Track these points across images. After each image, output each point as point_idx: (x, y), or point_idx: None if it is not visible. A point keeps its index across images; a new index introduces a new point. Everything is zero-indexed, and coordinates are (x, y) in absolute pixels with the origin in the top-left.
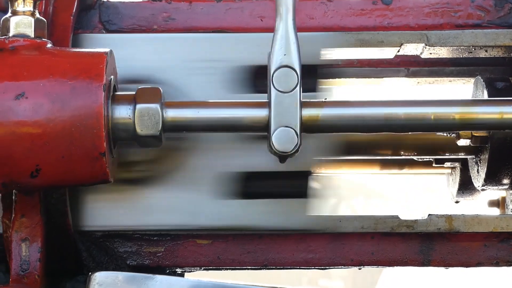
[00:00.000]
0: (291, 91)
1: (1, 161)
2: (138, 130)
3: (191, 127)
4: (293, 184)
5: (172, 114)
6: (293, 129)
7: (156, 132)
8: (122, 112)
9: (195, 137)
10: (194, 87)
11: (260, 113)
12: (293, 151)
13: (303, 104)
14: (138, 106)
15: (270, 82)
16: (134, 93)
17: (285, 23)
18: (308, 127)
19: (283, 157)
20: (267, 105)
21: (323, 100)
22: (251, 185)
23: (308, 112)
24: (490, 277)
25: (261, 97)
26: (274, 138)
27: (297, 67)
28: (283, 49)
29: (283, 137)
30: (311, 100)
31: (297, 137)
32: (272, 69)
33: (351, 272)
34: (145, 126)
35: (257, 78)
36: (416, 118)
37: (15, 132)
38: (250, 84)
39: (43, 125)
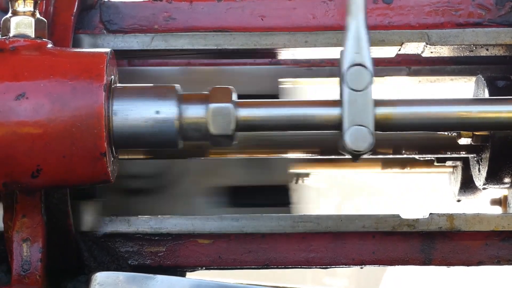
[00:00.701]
0: (364, 89)
1: (2, 161)
2: (212, 129)
3: (264, 126)
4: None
5: (245, 113)
6: (366, 127)
7: (229, 132)
8: (196, 112)
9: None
10: None
11: (333, 111)
12: (367, 149)
13: (376, 103)
14: (211, 105)
15: (343, 81)
16: (207, 93)
17: (356, 22)
18: (381, 126)
19: (356, 155)
20: (340, 103)
21: (397, 99)
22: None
23: (381, 111)
24: (491, 276)
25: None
26: (347, 137)
27: (369, 65)
28: (355, 47)
29: (356, 136)
30: (384, 98)
31: (371, 135)
32: (345, 67)
33: (355, 270)
34: (219, 125)
35: None
36: (491, 116)
37: (16, 132)
38: None
39: (44, 125)
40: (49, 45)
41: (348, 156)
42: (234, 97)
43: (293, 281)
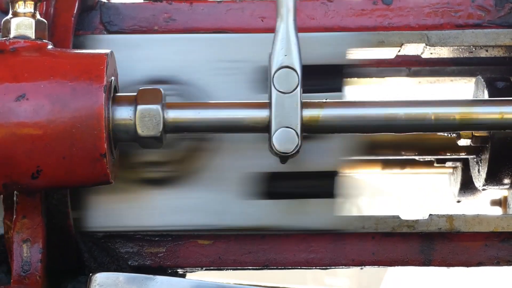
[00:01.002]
0: (291, 91)
1: (2, 162)
2: (139, 131)
3: (192, 128)
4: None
5: (173, 115)
6: (293, 129)
7: (157, 133)
8: (123, 113)
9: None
10: (217, 88)
11: (261, 113)
12: (294, 151)
13: (304, 105)
14: (139, 107)
15: (271, 83)
16: (135, 94)
17: (286, 24)
18: (309, 128)
19: (284, 157)
20: (268, 105)
21: (324, 100)
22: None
23: (309, 113)
24: (491, 277)
25: (263, 98)
26: (274, 139)
27: (297, 68)
28: (284, 49)
29: (283, 138)
30: (312, 100)
31: (298, 137)
32: (273, 69)
33: (356, 270)
34: (146, 127)
35: None
36: (416, 118)
37: (16, 133)
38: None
39: (44, 126)
40: (49, 46)
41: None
42: (163, 98)
43: (294, 281)
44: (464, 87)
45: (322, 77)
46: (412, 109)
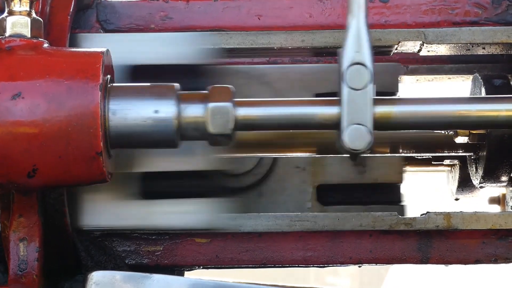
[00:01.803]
0: (363, 88)
1: None
2: (210, 129)
3: (262, 125)
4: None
5: (243, 112)
6: (365, 126)
7: (228, 131)
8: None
9: None
10: None
11: (332, 110)
12: (365, 148)
13: (375, 102)
14: (210, 104)
15: (343, 79)
16: (205, 92)
17: (357, 20)
18: (381, 125)
19: (354, 154)
20: (339, 102)
21: (396, 97)
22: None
23: (381, 110)
24: (490, 275)
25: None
26: (346, 136)
27: (369, 64)
28: (355, 46)
29: (355, 135)
30: (383, 97)
31: (370, 134)
32: (344, 66)
33: (358, 269)
34: (216, 124)
35: None
36: (487, 115)
37: (12, 132)
38: None
39: (40, 125)
40: (45, 45)
41: (346, 155)
42: (233, 96)
43: (296, 281)
44: (462, 85)
45: None
46: (484, 105)
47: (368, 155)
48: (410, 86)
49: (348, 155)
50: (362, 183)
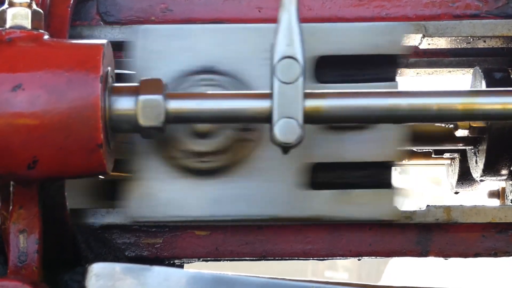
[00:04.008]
0: (294, 82)
1: None
2: (141, 121)
3: (194, 118)
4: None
5: (175, 105)
6: (295, 120)
7: (159, 124)
8: (124, 104)
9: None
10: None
11: (263, 104)
12: (296, 142)
13: (306, 95)
14: (141, 97)
15: (273, 73)
16: (137, 84)
17: (288, 14)
18: (311, 118)
19: (285, 148)
20: (270, 96)
21: (325, 91)
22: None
23: (311, 103)
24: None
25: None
26: (276, 129)
27: (300, 58)
28: (286, 39)
29: (285, 128)
30: (314, 91)
31: (300, 128)
32: (275, 59)
33: (356, 264)
34: (148, 117)
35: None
36: (419, 108)
37: (12, 123)
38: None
39: (40, 117)
40: (46, 37)
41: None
42: (165, 89)
43: (294, 274)
44: (462, 78)
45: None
46: (415, 99)
47: None
48: (410, 79)
49: (280, 149)
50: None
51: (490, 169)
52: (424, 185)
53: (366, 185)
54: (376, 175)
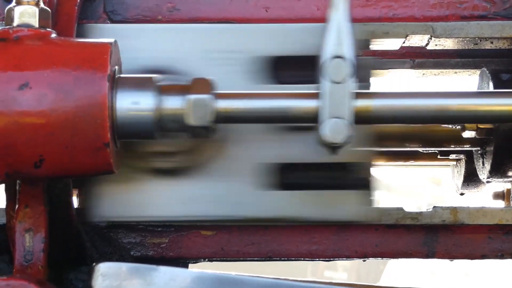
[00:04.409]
0: (342, 81)
1: (4, 151)
2: (190, 121)
3: (241, 118)
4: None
5: (223, 105)
6: (344, 120)
7: (208, 123)
8: (172, 103)
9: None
10: (216, 78)
11: (311, 103)
12: (344, 142)
13: (355, 95)
14: (190, 96)
15: (323, 72)
16: (186, 83)
17: (338, 13)
18: (360, 118)
19: (334, 148)
20: (318, 95)
21: (376, 91)
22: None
23: (360, 103)
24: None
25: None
26: (325, 129)
27: (349, 58)
28: (335, 39)
29: (334, 128)
30: (363, 91)
31: (349, 128)
32: (324, 59)
33: (355, 264)
34: (197, 117)
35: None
36: (469, 109)
37: (19, 122)
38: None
39: (47, 115)
40: (53, 35)
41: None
42: (214, 88)
43: (294, 274)
44: (469, 79)
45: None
46: (465, 100)
47: (375, 148)
48: (416, 80)
49: (329, 149)
50: (325, 163)
51: (497, 171)
52: (424, 185)
53: (335, 185)
54: (344, 176)
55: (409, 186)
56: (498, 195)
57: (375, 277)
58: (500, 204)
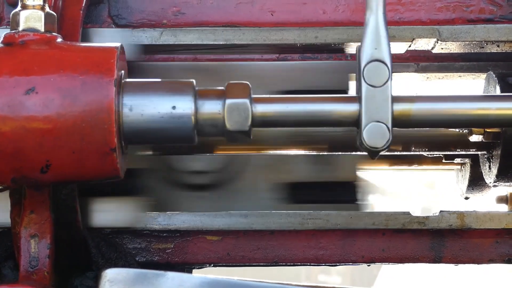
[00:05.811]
0: (382, 85)
1: (11, 156)
2: (228, 125)
3: (280, 122)
4: None
5: (261, 109)
6: (384, 124)
7: (246, 128)
8: (210, 107)
9: None
10: None
11: (351, 108)
12: (385, 146)
13: (395, 99)
14: (228, 101)
15: (361, 77)
16: (223, 88)
17: (375, 17)
18: (400, 122)
19: (374, 152)
20: (358, 100)
21: (415, 95)
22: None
23: (400, 107)
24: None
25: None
26: (365, 133)
27: (388, 61)
28: (374, 43)
29: (375, 133)
30: (402, 95)
31: (389, 132)
32: (363, 63)
33: (349, 268)
34: (235, 121)
35: None
36: (509, 113)
37: (25, 127)
38: None
39: (54, 120)
40: (59, 39)
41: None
42: (251, 93)
43: (288, 278)
44: (473, 83)
45: None
46: (505, 104)
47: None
48: (421, 83)
49: (367, 153)
50: (319, 181)
51: (504, 175)
52: (418, 189)
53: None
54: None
55: (403, 189)
56: (502, 199)
57: (369, 281)
58: (504, 208)
